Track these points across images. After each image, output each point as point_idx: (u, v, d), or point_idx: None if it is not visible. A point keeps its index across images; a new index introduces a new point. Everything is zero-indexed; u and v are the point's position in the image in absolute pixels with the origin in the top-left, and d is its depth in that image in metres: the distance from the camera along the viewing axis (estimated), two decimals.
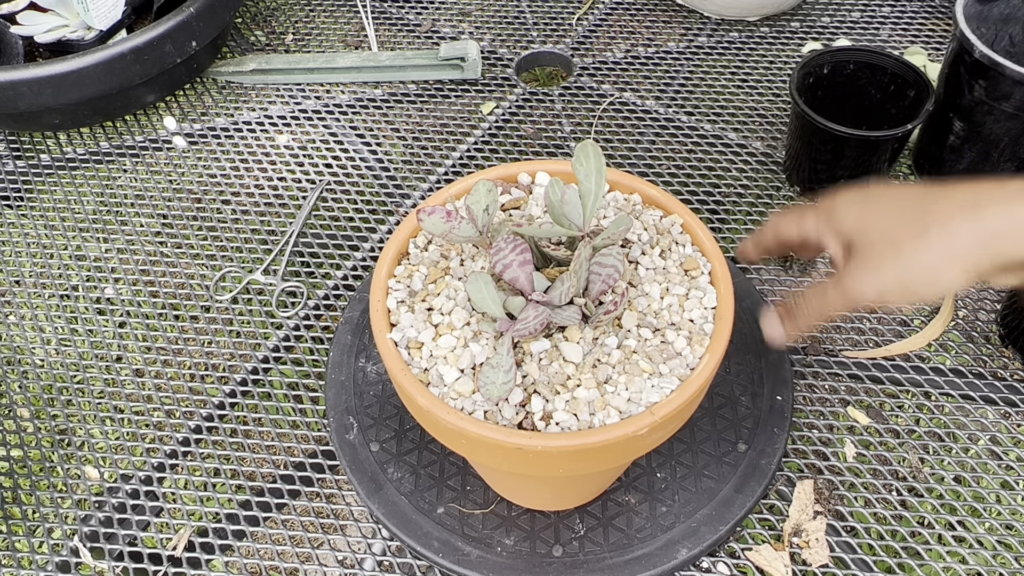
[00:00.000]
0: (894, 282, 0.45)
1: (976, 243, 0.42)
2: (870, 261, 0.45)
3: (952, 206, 0.43)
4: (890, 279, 0.45)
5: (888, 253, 0.45)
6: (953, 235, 0.43)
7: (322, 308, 0.74)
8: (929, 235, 0.43)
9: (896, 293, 0.45)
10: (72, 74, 0.81)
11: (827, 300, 0.48)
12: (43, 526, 0.62)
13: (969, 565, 0.57)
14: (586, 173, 0.46)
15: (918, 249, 0.43)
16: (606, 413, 0.43)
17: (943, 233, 0.43)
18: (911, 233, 0.44)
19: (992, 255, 0.42)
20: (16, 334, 0.75)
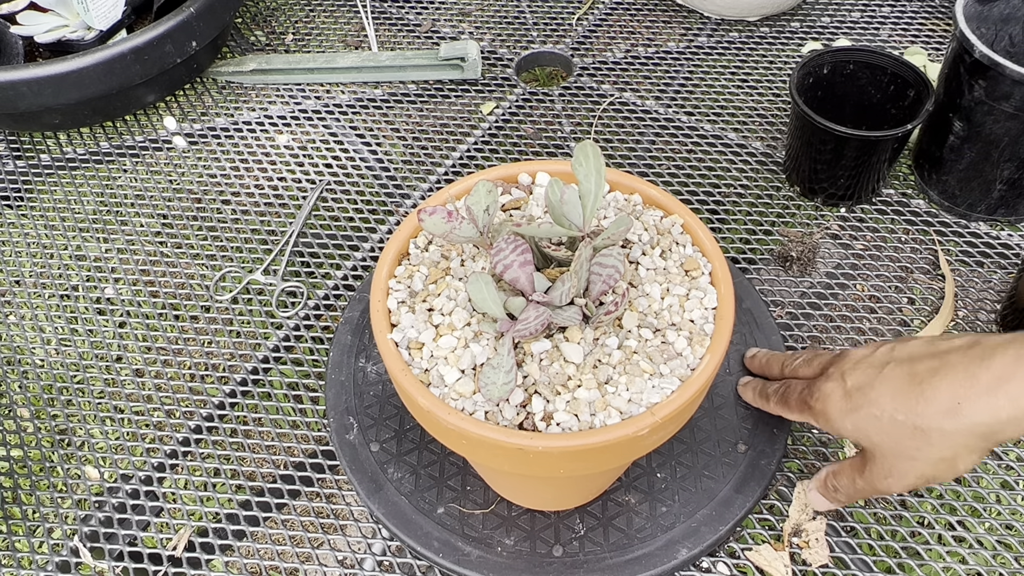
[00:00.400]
0: (917, 479, 0.48)
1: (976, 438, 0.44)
2: (888, 469, 0.48)
3: (937, 410, 0.45)
4: (912, 480, 0.48)
5: (899, 457, 0.47)
6: (952, 435, 0.45)
7: (322, 308, 0.74)
8: (930, 438, 0.45)
9: (923, 484, 0.48)
10: (72, 74, 0.81)
11: (858, 487, 0.52)
12: (43, 526, 0.62)
13: (969, 565, 0.57)
14: (586, 173, 0.46)
15: (924, 451, 0.46)
16: (607, 414, 0.43)
17: (943, 436, 0.45)
18: (913, 439, 0.46)
19: (994, 440, 0.44)
20: (16, 334, 0.75)
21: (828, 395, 0.50)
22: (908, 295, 0.73)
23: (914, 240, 0.77)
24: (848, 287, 0.73)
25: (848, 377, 0.50)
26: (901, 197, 0.80)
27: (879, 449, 0.48)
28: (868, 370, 0.49)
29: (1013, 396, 0.42)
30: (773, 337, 0.66)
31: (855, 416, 0.48)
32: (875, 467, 0.49)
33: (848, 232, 0.77)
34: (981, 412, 0.43)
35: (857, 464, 0.51)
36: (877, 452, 0.48)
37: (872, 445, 0.48)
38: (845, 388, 0.49)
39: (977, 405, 0.43)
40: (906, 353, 0.48)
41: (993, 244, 0.75)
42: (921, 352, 0.47)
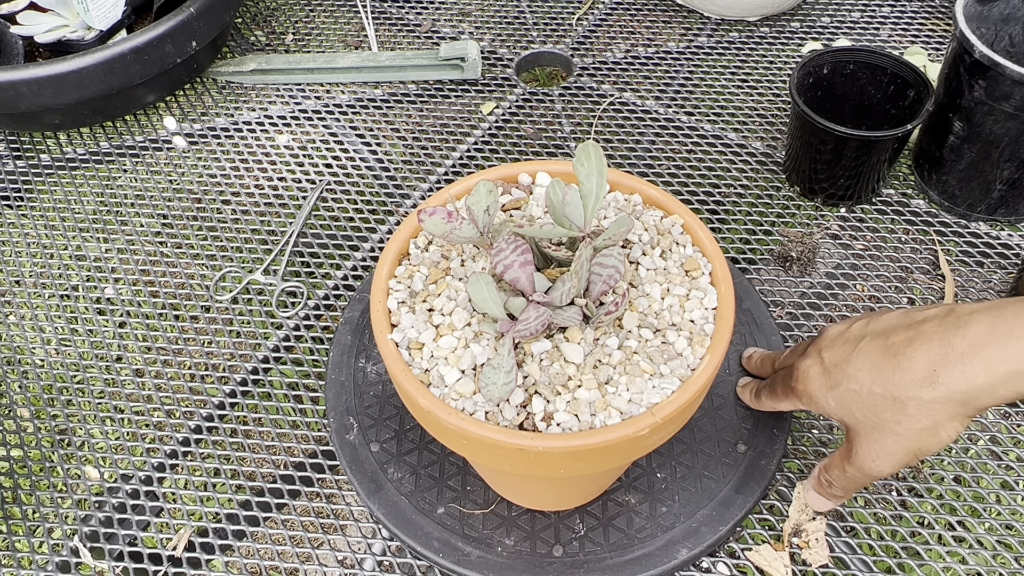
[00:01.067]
0: (905, 455, 0.47)
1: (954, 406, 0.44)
2: (874, 450, 0.48)
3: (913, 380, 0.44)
4: (900, 455, 0.47)
5: (882, 433, 0.47)
6: (930, 404, 0.44)
7: (322, 308, 0.74)
8: (907, 409, 0.45)
9: (912, 460, 0.47)
10: (72, 74, 0.81)
11: (849, 476, 0.51)
12: (43, 526, 0.62)
13: (969, 565, 0.57)
14: (587, 174, 0.46)
15: (904, 422, 0.46)
16: (607, 414, 0.43)
17: (920, 406, 0.45)
18: (892, 411, 0.46)
19: (973, 407, 0.44)
20: (16, 334, 0.75)
21: (807, 373, 0.50)
22: (908, 295, 0.73)
23: (914, 240, 0.77)
24: (848, 287, 0.73)
25: (825, 354, 0.49)
26: (901, 197, 0.80)
27: (862, 426, 0.48)
28: (844, 346, 0.48)
29: (988, 363, 0.42)
30: (773, 337, 0.66)
31: (835, 393, 0.48)
32: (861, 449, 0.48)
33: (848, 232, 0.77)
34: (957, 379, 0.43)
35: (844, 451, 0.51)
36: (861, 430, 0.48)
37: (855, 423, 0.48)
38: (823, 365, 0.49)
39: (953, 373, 0.43)
40: (881, 326, 0.48)
41: (993, 244, 0.75)
42: (896, 324, 0.47)
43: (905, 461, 0.47)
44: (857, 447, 0.49)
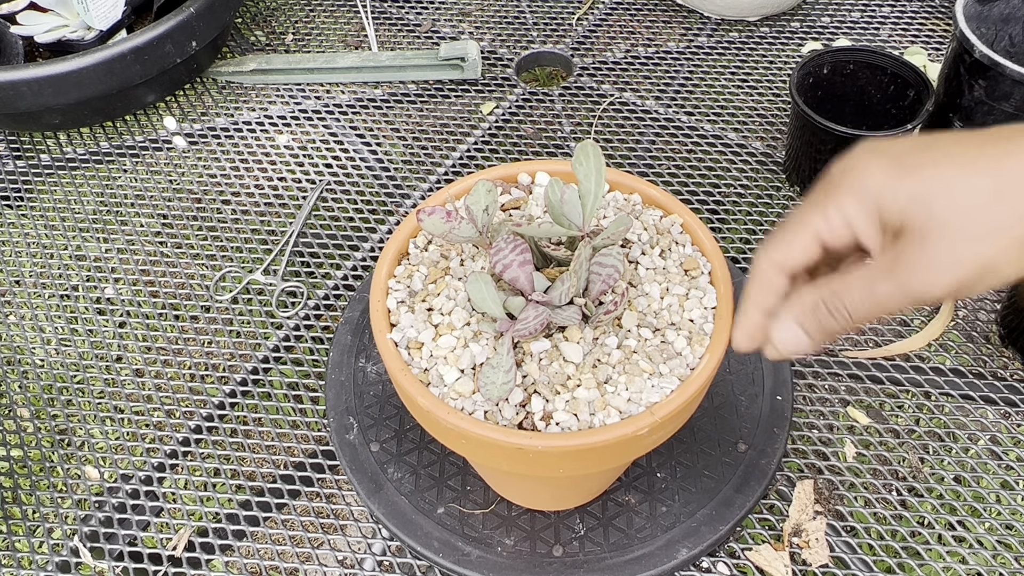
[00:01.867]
0: (976, 268, 0.36)
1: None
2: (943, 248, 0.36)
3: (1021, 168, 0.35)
4: (973, 264, 0.36)
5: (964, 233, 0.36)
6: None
7: (322, 308, 0.74)
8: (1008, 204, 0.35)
9: (976, 280, 0.37)
10: (72, 74, 0.81)
11: (879, 298, 0.38)
12: (43, 526, 0.62)
13: (969, 565, 0.57)
14: (586, 173, 0.46)
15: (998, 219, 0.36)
16: (606, 413, 0.43)
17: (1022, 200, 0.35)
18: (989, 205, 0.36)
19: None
20: (16, 334, 0.75)
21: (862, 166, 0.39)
22: None
23: None
24: None
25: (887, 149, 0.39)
26: None
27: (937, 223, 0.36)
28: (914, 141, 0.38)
29: None
30: None
31: (910, 182, 0.37)
32: (920, 253, 0.37)
33: None
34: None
35: (883, 267, 0.38)
36: (934, 228, 0.36)
37: (928, 218, 0.37)
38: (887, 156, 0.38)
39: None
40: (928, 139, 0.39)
41: None
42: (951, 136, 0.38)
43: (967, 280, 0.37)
44: (919, 257, 0.37)
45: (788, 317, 0.41)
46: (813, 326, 0.41)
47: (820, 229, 0.40)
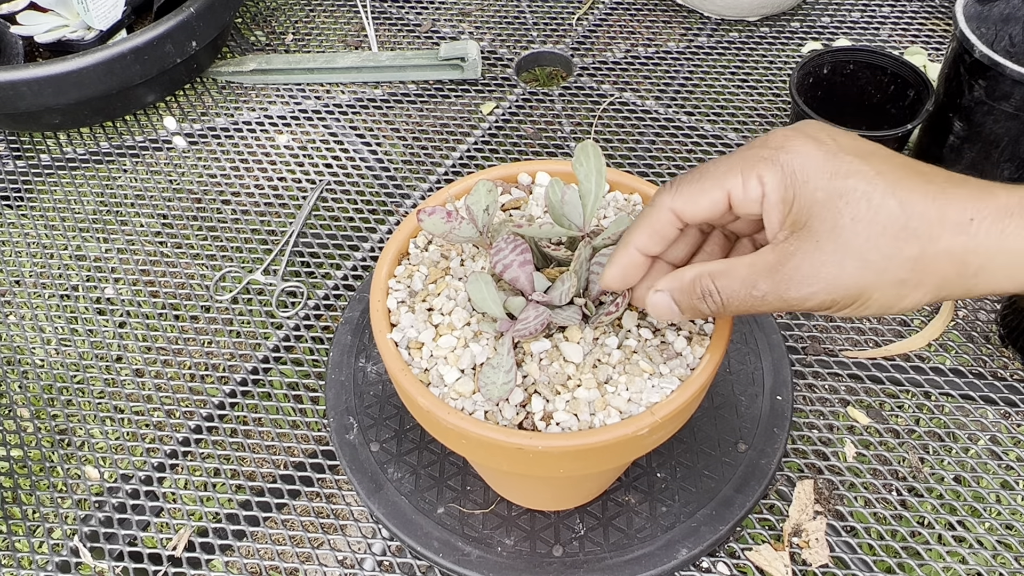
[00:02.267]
0: (853, 294, 0.36)
1: (956, 270, 0.36)
2: (829, 257, 0.36)
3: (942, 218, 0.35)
4: (848, 289, 0.36)
5: (854, 254, 0.36)
6: (935, 255, 0.35)
7: (322, 308, 0.74)
8: (910, 244, 0.35)
9: (847, 305, 0.37)
10: (72, 74, 0.81)
11: (755, 295, 0.38)
12: (43, 526, 0.62)
13: (969, 565, 0.57)
14: (586, 173, 0.46)
15: (890, 259, 0.35)
16: (606, 413, 0.43)
17: (924, 249, 0.35)
18: (887, 238, 0.35)
19: (967, 287, 0.36)
20: (16, 334, 0.75)
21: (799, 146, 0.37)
22: None
23: None
24: None
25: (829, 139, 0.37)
26: None
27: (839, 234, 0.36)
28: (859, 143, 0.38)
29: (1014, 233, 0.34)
30: (773, 336, 0.66)
31: (837, 183, 0.36)
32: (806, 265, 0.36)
33: None
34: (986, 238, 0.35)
35: (769, 264, 0.38)
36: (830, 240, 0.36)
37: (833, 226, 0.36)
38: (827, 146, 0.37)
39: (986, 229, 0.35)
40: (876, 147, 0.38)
41: None
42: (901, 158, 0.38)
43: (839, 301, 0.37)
44: (801, 262, 0.36)
45: (665, 288, 0.41)
46: (686, 303, 0.41)
47: (735, 194, 0.39)
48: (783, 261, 0.37)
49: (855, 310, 0.37)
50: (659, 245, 0.42)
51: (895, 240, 0.35)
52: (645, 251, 0.42)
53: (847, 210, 0.36)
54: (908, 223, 0.35)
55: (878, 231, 0.35)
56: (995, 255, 0.35)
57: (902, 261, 0.35)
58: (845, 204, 0.36)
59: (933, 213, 0.35)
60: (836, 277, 0.36)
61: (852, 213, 0.36)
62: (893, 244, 0.35)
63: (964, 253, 0.35)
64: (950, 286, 0.36)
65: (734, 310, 0.39)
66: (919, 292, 0.36)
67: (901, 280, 0.36)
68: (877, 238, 0.35)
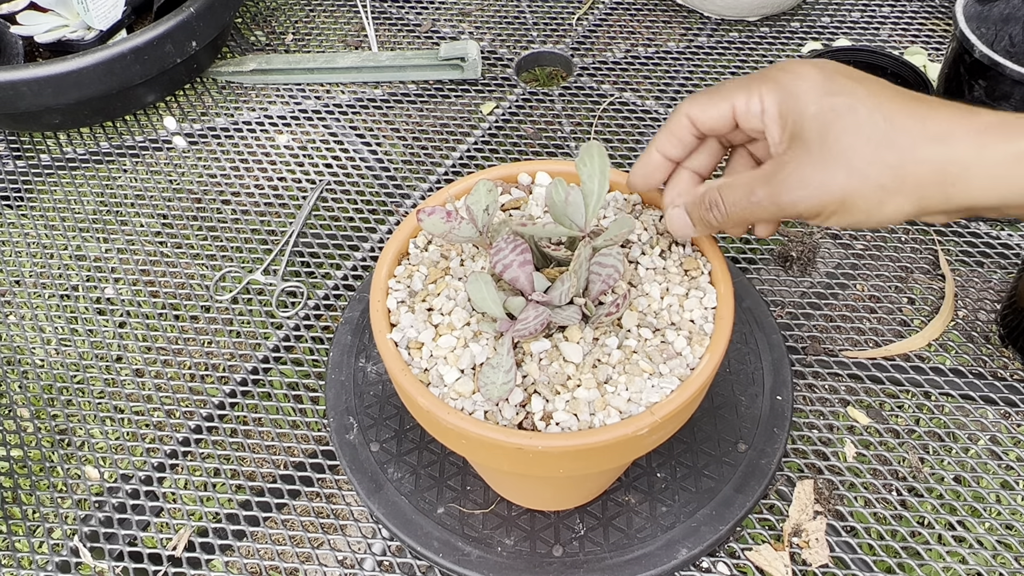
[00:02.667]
0: (838, 199, 0.39)
1: (935, 178, 0.38)
2: (819, 165, 0.39)
3: (923, 130, 0.38)
4: (834, 194, 0.39)
5: (841, 162, 0.39)
6: (915, 162, 0.38)
7: (322, 308, 0.74)
8: (890, 154, 0.38)
9: (834, 211, 0.40)
10: (72, 74, 0.81)
11: (754, 202, 0.42)
12: (43, 526, 0.62)
13: (969, 565, 0.57)
14: (590, 174, 0.46)
15: (873, 165, 0.38)
16: (606, 413, 0.43)
17: (905, 158, 0.38)
18: (871, 147, 0.38)
19: (946, 196, 0.38)
20: (16, 334, 0.75)
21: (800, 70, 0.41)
22: (908, 295, 0.73)
23: (914, 240, 0.77)
24: (848, 287, 0.73)
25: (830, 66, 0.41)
26: None
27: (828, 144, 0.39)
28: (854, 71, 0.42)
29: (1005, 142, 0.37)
30: (773, 336, 0.66)
31: (830, 99, 0.40)
32: (796, 169, 0.40)
33: (848, 232, 0.77)
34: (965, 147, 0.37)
35: (766, 172, 0.42)
36: (820, 149, 0.39)
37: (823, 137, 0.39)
38: (826, 70, 0.41)
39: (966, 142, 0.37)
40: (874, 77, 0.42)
41: (993, 244, 0.75)
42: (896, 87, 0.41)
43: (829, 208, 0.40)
44: (793, 169, 0.40)
45: (680, 203, 0.47)
46: (696, 215, 0.46)
47: (739, 106, 0.43)
48: (778, 170, 0.41)
49: (841, 217, 0.40)
50: (677, 148, 0.46)
51: (878, 149, 0.38)
52: (665, 153, 0.47)
53: (837, 123, 0.39)
54: (891, 134, 0.38)
55: (863, 141, 0.39)
56: (971, 166, 0.37)
57: (883, 168, 0.38)
58: (835, 117, 0.39)
59: (915, 126, 0.38)
60: (823, 183, 0.39)
61: (841, 126, 0.39)
62: (876, 152, 0.38)
63: (942, 162, 0.38)
64: (929, 195, 0.38)
65: (736, 217, 0.44)
66: (899, 199, 0.39)
67: (882, 186, 0.38)
68: (862, 147, 0.39)
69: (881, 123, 0.39)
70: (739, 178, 0.43)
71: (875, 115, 0.39)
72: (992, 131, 0.38)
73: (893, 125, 0.39)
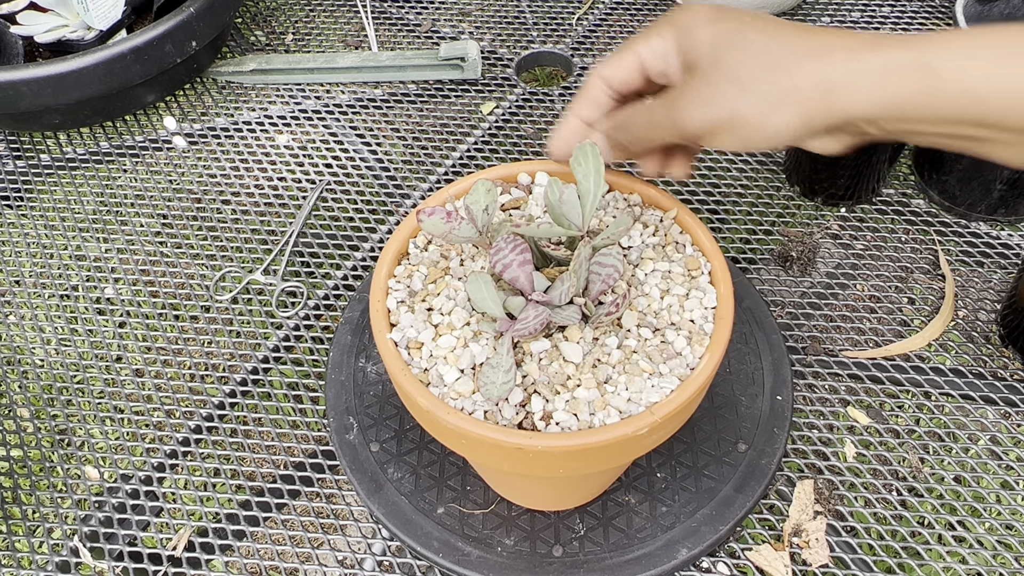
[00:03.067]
0: (727, 114, 0.42)
1: (816, 90, 0.40)
2: (710, 85, 0.42)
3: (805, 48, 0.41)
4: (724, 109, 0.42)
5: (729, 80, 0.42)
6: (797, 75, 0.40)
7: (322, 308, 0.74)
8: (774, 70, 0.40)
9: (726, 128, 0.42)
10: (72, 74, 0.81)
11: (654, 121, 0.45)
12: (43, 526, 0.62)
13: (969, 565, 0.57)
14: (584, 173, 0.47)
15: (759, 81, 0.41)
16: (606, 413, 0.43)
17: (788, 72, 0.40)
18: (757, 64, 0.41)
19: (826, 106, 0.40)
20: (16, 334, 0.75)
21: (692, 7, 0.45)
22: (908, 295, 0.73)
23: (914, 240, 0.77)
24: (848, 287, 0.73)
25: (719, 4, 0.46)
26: (901, 197, 0.80)
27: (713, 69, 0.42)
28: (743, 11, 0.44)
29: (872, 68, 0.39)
30: (773, 336, 0.66)
31: (715, 27, 0.43)
32: (691, 91, 0.43)
33: (848, 232, 0.77)
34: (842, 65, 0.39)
35: (666, 97, 0.45)
36: (709, 72, 0.42)
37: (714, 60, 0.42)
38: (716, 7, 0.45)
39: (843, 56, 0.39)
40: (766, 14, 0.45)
41: (993, 244, 0.75)
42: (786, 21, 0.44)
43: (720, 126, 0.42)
44: (688, 91, 0.43)
45: (599, 130, 0.49)
46: (611, 138, 0.49)
47: (642, 54, 0.46)
48: (677, 94, 0.44)
49: (733, 134, 0.42)
50: (595, 112, 0.49)
51: (764, 67, 0.41)
52: (584, 118, 0.49)
53: (726, 47, 0.42)
54: (776, 53, 0.41)
55: (750, 60, 0.41)
56: (847, 78, 0.39)
57: (769, 84, 0.41)
58: (725, 42, 0.42)
59: (798, 44, 0.41)
60: (713, 101, 0.42)
61: (730, 49, 0.42)
62: (762, 70, 0.41)
63: (822, 75, 0.40)
64: (812, 108, 0.40)
65: (640, 136, 0.47)
66: (785, 112, 0.41)
67: (768, 100, 0.41)
68: (749, 66, 0.41)
69: (767, 43, 0.41)
70: (645, 103, 0.46)
71: (761, 36, 0.41)
72: (866, 47, 0.39)
73: (778, 44, 0.41)
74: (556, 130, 0.50)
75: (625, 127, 0.48)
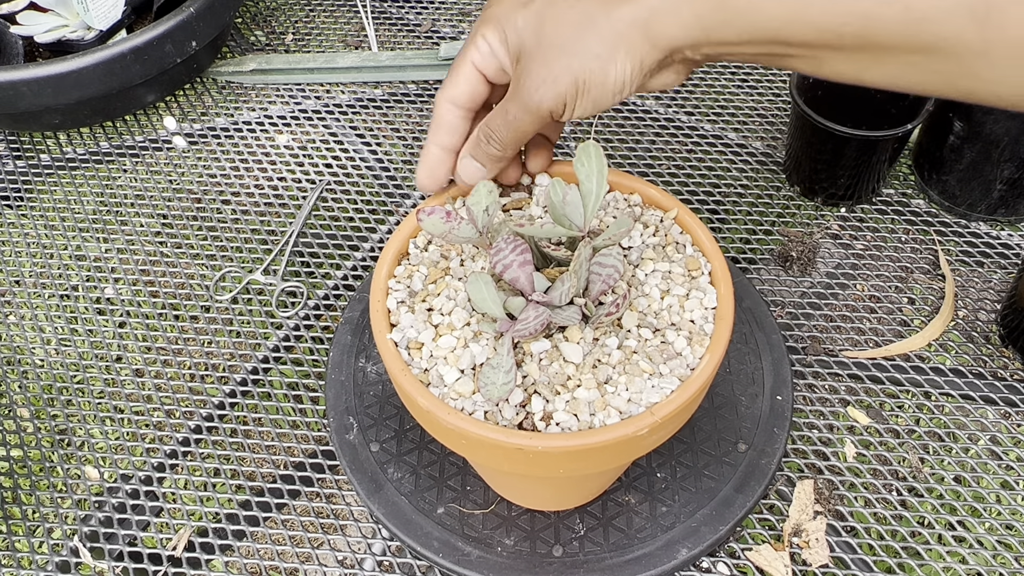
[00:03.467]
0: (569, 81, 0.42)
1: (636, 28, 0.41)
2: (544, 63, 0.43)
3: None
4: (564, 79, 0.42)
5: (558, 51, 0.42)
6: (615, 23, 0.41)
7: (322, 308, 0.74)
8: (594, 25, 0.41)
9: (573, 95, 0.43)
10: (72, 74, 0.81)
11: (511, 118, 0.45)
12: (43, 526, 0.62)
13: (969, 565, 0.57)
14: (587, 174, 0.46)
15: (584, 40, 0.42)
16: (606, 413, 0.43)
17: (607, 23, 0.41)
18: (577, 28, 0.42)
19: (651, 40, 0.41)
20: (16, 334, 0.75)
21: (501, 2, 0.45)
22: (908, 295, 0.73)
23: (914, 240, 0.77)
24: (848, 287, 0.73)
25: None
26: (901, 197, 0.80)
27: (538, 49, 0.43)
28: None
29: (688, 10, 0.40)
30: (773, 336, 0.66)
31: (530, 8, 0.44)
32: (529, 77, 0.43)
33: (848, 232, 0.77)
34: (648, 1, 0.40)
35: (510, 91, 0.45)
36: (536, 53, 0.43)
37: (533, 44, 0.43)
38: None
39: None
40: None
41: (993, 244, 0.75)
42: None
43: (568, 95, 0.43)
44: (525, 76, 0.44)
45: (465, 153, 0.49)
46: (481, 155, 0.48)
47: (474, 59, 0.46)
48: (517, 83, 0.44)
49: (584, 99, 0.43)
50: (453, 136, 0.49)
51: (582, 26, 0.42)
52: (442, 145, 0.49)
53: (543, 23, 0.43)
54: (589, 11, 0.42)
55: (568, 25, 0.42)
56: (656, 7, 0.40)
57: (592, 39, 0.41)
58: (540, 20, 0.43)
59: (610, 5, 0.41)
60: (552, 76, 0.43)
61: (547, 23, 0.43)
62: (581, 30, 0.42)
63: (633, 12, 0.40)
64: (636, 46, 0.41)
65: (507, 138, 0.46)
66: (617, 59, 0.41)
67: (597, 55, 0.41)
68: (569, 30, 0.42)
69: (577, 5, 0.42)
70: (495, 109, 0.46)
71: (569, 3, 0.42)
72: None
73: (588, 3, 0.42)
74: (419, 163, 0.50)
75: (488, 136, 0.47)
